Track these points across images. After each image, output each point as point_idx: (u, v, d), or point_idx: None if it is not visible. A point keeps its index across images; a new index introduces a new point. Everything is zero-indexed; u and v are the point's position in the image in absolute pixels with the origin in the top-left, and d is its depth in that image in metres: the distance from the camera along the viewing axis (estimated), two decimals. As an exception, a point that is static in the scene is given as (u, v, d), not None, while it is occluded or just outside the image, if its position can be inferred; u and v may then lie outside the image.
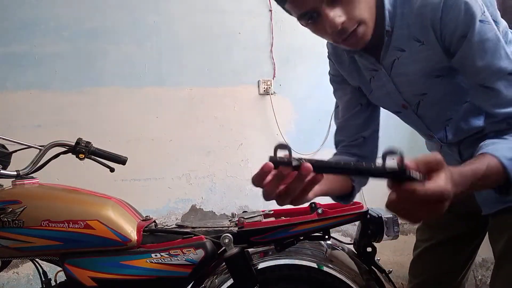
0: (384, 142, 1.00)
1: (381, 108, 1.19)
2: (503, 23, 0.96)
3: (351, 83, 1.14)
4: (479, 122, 1.01)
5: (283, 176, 0.69)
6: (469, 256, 1.24)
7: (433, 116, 1.06)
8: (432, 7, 0.87)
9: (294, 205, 0.78)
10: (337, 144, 1.21)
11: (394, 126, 1.23)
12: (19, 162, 1.38)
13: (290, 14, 0.93)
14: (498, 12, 0.94)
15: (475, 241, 1.22)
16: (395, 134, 2.12)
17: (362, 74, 1.09)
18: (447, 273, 1.24)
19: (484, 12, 0.85)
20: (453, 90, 0.96)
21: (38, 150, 1.39)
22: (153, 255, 1.18)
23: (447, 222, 1.21)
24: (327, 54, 1.18)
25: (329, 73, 1.21)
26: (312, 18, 0.88)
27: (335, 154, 1.20)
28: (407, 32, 0.93)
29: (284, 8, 0.92)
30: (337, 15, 0.85)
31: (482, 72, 0.87)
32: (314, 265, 1.24)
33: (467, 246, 1.23)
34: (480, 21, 0.84)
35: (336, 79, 1.19)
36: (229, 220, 1.29)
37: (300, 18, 0.90)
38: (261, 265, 1.25)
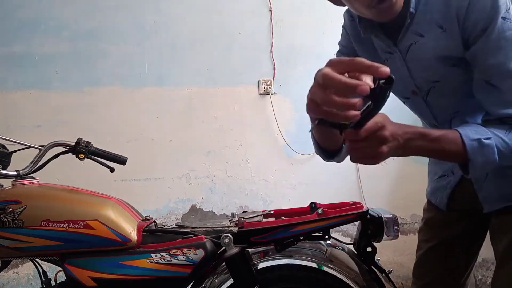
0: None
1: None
2: None
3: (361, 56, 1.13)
4: None
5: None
6: (472, 256, 1.24)
7: (442, 105, 1.06)
8: None
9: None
10: None
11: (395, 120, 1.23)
12: (19, 162, 1.38)
13: None
14: None
15: (478, 240, 1.22)
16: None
17: (377, 55, 1.07)
18: (450, 273, 1.23)
19: (508, 9, 0.85)
20: (466, 82, 0.95)
21: (38, 150, 1.39)
22: (153, 255, 1.18)
23: (449, 221, 1.21)
24: (342, 23, 1.16)
25: (339, 43, 1.19)
26: None
27: None
28: (430, 18, 0.93)
29: None
30: None
31: (492, 69, 0.88)
32: (314, 265, 1.24)
33: (470, 245, 1.22)
34: (502, 17, 0.84)
35: (345, 51, 1.17)
36: (229, 220, 1.29)
37: None
38: (261, 265, 1.24)
